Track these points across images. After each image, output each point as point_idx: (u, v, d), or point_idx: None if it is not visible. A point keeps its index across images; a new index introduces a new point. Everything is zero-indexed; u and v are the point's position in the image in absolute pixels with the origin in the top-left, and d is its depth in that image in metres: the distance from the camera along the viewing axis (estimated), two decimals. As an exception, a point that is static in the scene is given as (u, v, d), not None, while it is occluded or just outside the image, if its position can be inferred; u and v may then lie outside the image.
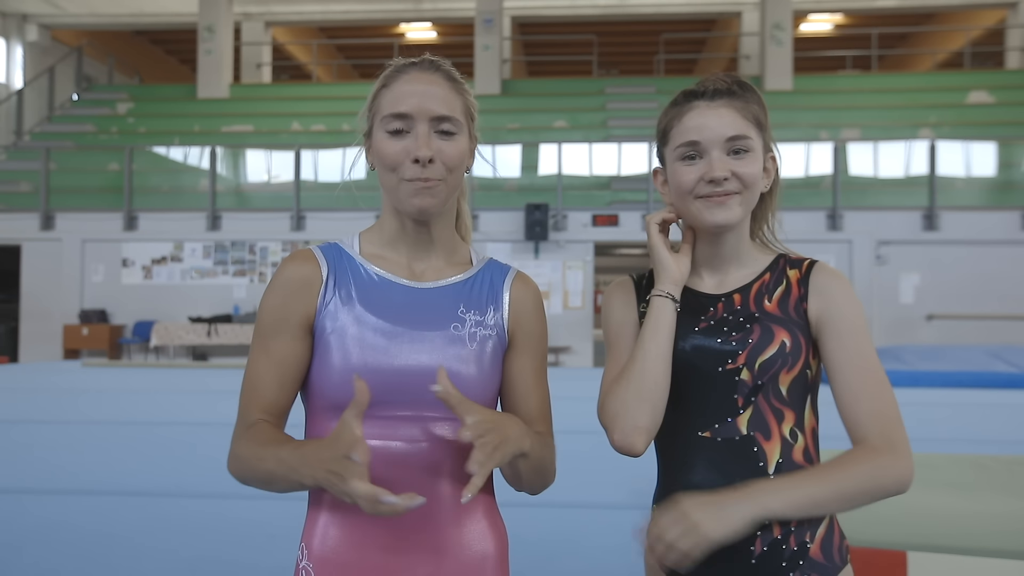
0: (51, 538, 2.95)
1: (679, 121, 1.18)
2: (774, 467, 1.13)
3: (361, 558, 1.04)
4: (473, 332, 1.10)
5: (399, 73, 1.12)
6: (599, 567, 2.60)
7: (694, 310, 1.20)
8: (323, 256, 1.12)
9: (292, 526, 3.15)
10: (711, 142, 1.15)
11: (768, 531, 1.11)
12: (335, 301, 1.08)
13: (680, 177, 1.18)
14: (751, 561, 1.11)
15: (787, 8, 15.29)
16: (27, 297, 12.14)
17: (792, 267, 1.22)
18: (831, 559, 1.14)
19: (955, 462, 2.92)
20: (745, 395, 1.14)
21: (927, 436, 5.08)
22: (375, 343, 1.06)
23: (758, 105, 1.20)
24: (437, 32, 19.25)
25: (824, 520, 1.15)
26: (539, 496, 2.94)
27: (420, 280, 1.13)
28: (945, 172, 11.86)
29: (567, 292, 11.57)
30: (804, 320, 1.18)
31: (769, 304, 1.18)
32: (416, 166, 1.07)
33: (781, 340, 1.15)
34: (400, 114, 1.08)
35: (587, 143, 12.98)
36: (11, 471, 4.05)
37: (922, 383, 8.23)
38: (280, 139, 14.38)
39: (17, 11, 16.84)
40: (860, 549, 2.18)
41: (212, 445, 4.89)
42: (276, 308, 1.08)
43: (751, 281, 1.21)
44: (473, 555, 1.08)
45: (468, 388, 1.07)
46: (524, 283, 1.18)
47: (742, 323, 1.17)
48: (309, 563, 1.06)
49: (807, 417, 1.17)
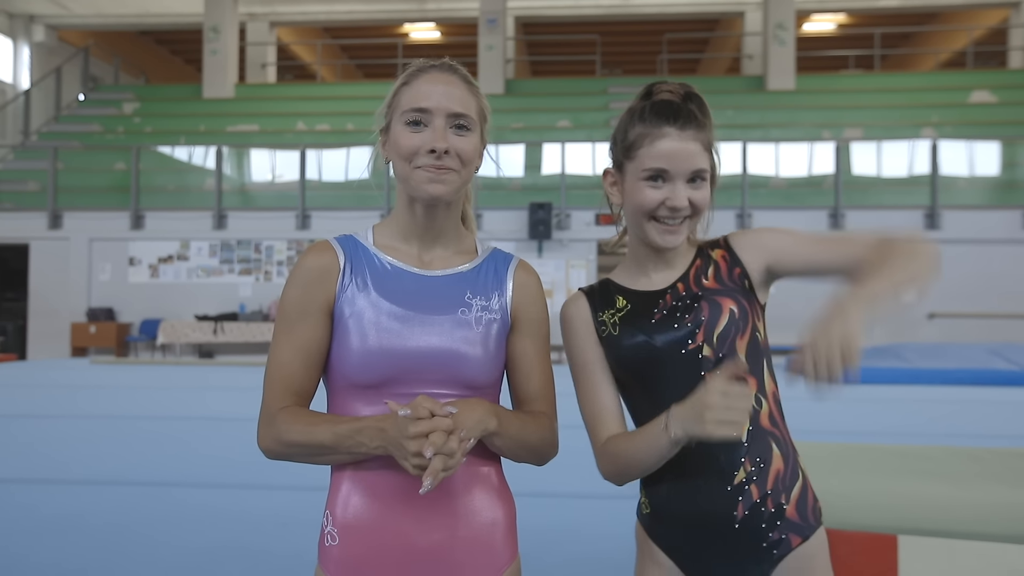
0: (68, 527, 3.04)
1: (650, 144, 1.26)
2: (746, 435, 1.22)
3: (381, 523, 1.12)
4: (479, 316, 1.19)
5: (420, 72, 1.21)
6: (598, 552, 2.72)
7: (647, 305, 1.30)
8: (340, 247, 1.21)
9: (303, 514, 3.24)
10: (678, 173, 1.25)
11: (748, 496, 1.20)
12: (352, 288, 1.17)
13: (643, 197, 1.27)
14: (734, 526, 1.20)
15: (790, 8, 15.33)
16: (35, 295, 12.25)
17: (713, 248, 1.34)
18: (806, 519, 1.23)
19: (951, 454, 2.99)
20: (710, 370, 1.23)
21: (927, 432, 5.15)
22: (390, 327, 1.14)
23: (709, 127, 1.29)
24: (441, 32, 19.33)
25: (798, 482, 1.24)
26: (545, 487, 3.08)
27: (429, 269, 1.22)
28: (947, 172, 11.90)
29: (570, 291, 11.64)
30: (742, 285, 1.28)
31: (707, 282, 1.29)
32: (431, 156, 1.15)
33: (730, 308, 1.25)
34: (420, 108, 1.17)
35: (590, 142, 13.04)
36: (29, 463, 4.14)
37: (922, 380, 8.29)
38: (285, 139, 14.47)
39: (24, 12, 16.95)
40: (852, 533, 2.25)
41: (223, 439, 5.00)
42: (299, 296, 1.17)
43: (687, 269, 1.32)
44: (484, 521, 1.16)
45: (474, 368, 1.16)
46: (526, 271, 1.27)
47: (690, 304, 1.27)
48: (334, 528, 1.15)
49: (767, 382, 1.26)
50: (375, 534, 1.12)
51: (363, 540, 1.13)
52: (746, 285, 1.28)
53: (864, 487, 2.51)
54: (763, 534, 1.21)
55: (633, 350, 1.27)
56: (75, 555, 2.76)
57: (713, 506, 1.21)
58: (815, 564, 1.22)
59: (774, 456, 1.22)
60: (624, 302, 1.31)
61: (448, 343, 1.16)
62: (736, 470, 1.21)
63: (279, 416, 1.13)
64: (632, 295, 1.31)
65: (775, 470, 1.22)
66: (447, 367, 1.15)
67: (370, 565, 1.12)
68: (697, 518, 1.22)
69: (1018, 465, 2.82)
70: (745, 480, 1.21)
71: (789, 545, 1.21)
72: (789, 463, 1.24)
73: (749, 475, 1.21)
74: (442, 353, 1.15)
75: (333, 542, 1.15)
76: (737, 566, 1.22)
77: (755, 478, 1.21)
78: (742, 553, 1.21)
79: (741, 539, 1.21)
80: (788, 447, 1.25)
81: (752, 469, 1.21)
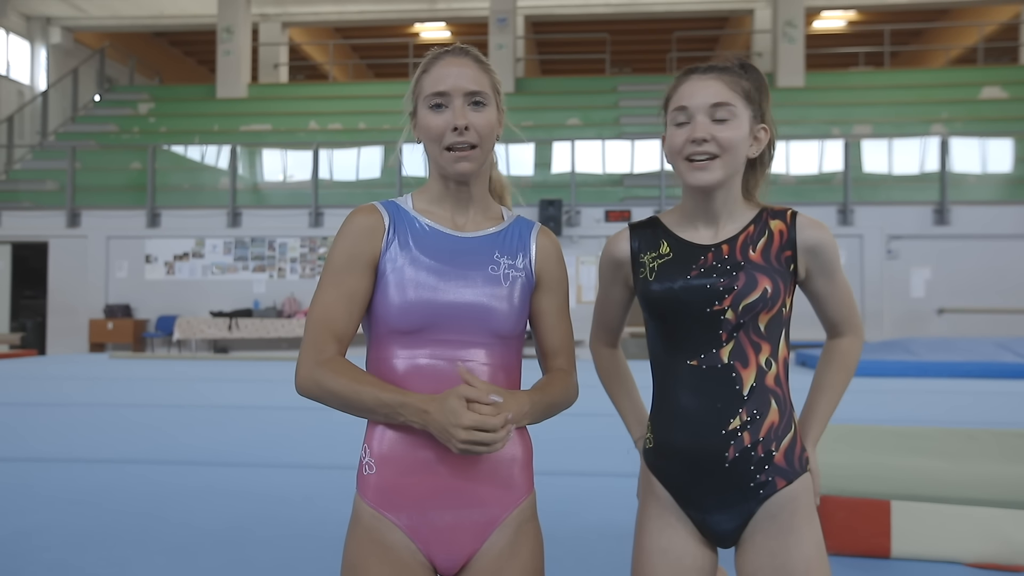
0: (104, 498, 3.19)
1: (676, 91, 1.40)
2: (748, 390, 1.35)
3: (413, 454, 1.26)
4: (506, 273, 1.33)
5: (436, 60, 1.35)
6: (605, 520, 2.92)
7: (688, 258, 1.40)
8: (385, 209, 1.35)
9: (324, 489, 3.38)
10: (697, 108, 1.36)
11: (740, 441, 1.32)
12: (395, 246, 1.31)
13: (671, 139, 1.39)
14: (724, 465, 1.34)
15: (799, 5, 15.37)
16: (54, 293, 12.46)
17: (774, 217, 1.42)
18: (792, 465, 1.37)
19: (949, 434, 3.09)
20: (728, 331, 1.35)
21: (931, 421, 5.23)
22: (427, 281, 1.29)
23: (752, 82, 1.39)
24: (451, 32, 19.46)
25: (790, 434, 1.37)
26: (560, 465, 3.29)
27: (462, 231, 1.36)
28: (957, 168, 11.92)
29: (580, 287, 11.75)
30: (786, 268, 1.38)
31: (753, 254, 1.38)
32: (455, 134, 1.30)
33: (764, 287, 1.35)
34: (440, 92, 1.31)
35: (600, 140, 13.15)
36: (66, 445, 4.30)
37: (930, 373, 8.35)
38: (297, 138, 14.63)
39: (41, 14, 17.20)
40: (849, 499, 2.36)
41: (242, 425, 5.15)
42: (348, 248, 1.31)
43: (737, 233, 1.41)
44: (504, 456, 1.30)
45: (501, 320, 1.30)
46: (547, 235, 1.42)
47: (728, 270, 1.37)
48: (371, 459, 1.29)
49: (781, 348, 1.38)
50: (407, 464, 1.26)
51: (396, 469, 1.27)
52: (790, 268, 1.37)
53: (863, 460, 2.61)
54: (751, 475, 1.34)
55: (662, 295, 1.38)
56: (112, 522, 2.90)
57: (707, 446, 1.34)
58: (798, 505, 1.35)
59: (771, 411, 1.35)
60: (668, 248, 1.41)
61: (479, 297, 1.29)
62: (733, 418, 1.34)
63: (326, 363, 1.25)
64: (677, 243, 1.40)
65: (769, 422, 1.34)
66: (477, 318, 1.29)
67: (402, 492, 1.26)
68: (692, 455, 1.35)
69: (1013, 443, 2.92)
70: (739, 428, 1.33)
71: (775, 487, 1.35)
72: (784, 418, 1.36)
73: (744, 424, 1.34)
74: (473, 306, 1.29)
75: (371, 471, 1.28)
76: (726, 500, 1.35)
77: (749, 427, 1.34)
78: (731, 490, 1.35)
79: (731, 478, 1.34)
80: (786, 405, 1.38)
81: (747, 419, 1.34)
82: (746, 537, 1.37)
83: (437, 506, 1.26)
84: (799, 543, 1.33)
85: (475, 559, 1.28)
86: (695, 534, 1.39)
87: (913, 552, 2.40)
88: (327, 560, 2.53)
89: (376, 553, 1.26)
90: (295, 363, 1.29)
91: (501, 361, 1.31)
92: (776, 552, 1.33)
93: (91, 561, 2.54)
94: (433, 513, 1.26)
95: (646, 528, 1.41)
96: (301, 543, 2.72)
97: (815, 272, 1.41)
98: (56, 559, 2.56)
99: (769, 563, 1.33)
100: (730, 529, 1.38)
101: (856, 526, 2.35)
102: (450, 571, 1.30)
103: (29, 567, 2.49)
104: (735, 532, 1.38)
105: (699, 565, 1.39)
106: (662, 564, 1.38)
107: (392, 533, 1.26)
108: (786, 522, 1.33)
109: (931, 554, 2.39)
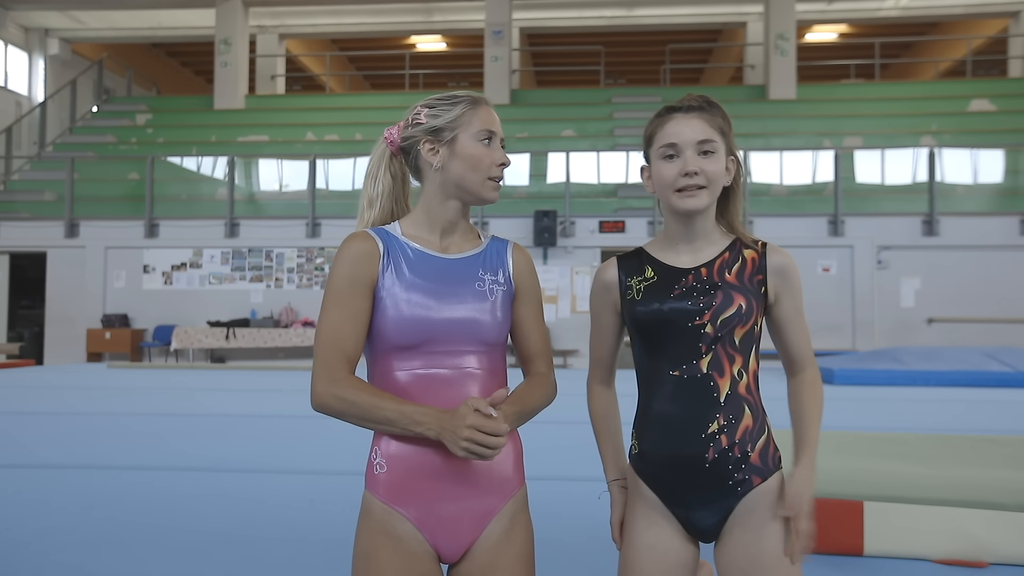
0: (113, 503, 3.30)
1: (662, 129, 1.55)
2: (724, 397, 1.49)
3: (418, 453, 1.41)
4: (491, 288, 1.49)
5: (479, 102, 1.52)
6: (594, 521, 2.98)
7: (670, 280, 1.55)
8: (377, 236, 1.49)
9: (324, 493, 3.50)
10: (685, 144, 1.51)
11: (718, 443, 1.46)
12: (390, 269, 1.46)
13: (662, 173, 1.54)
14: (705, 465, 1.48)
15: (791, 18, 15.60)
16: (52, 302, 12.55)
17: (747, 247, 1.59)
18: (766, 464, 1.51)
19: (924, 440, 3.23)
20: (707, 344, 1.50)
21: (913, 428, 5.36)
22: (423, 300, 1.44)
23: (722, 118, 1.57)
24: (447, 44, 19.66)
25: (763, 436, 1.51)
26: (555, 471, 3.45)
27: (447, 253, 1.51)
28: (947, 179, 12.11)
29: (575, 296, 11.89)
30: (758, 289, 1.54)
31: (729, 276, 1.54)
32: (500, 168, 1.49)
33: (739, 304, 1.50)
34: (491, 131, 1.49)
35: (594, 152, 13.31)
36: (76, 451, 4.40)
37: (918, 382, 8.49)
38: (294, 149, 14.77)
39: (40, 26, 17.34)
40: (822, 500, 2.49)
41: (243, 433, 5.25)
42: (349, 272, 1.44)
43: (714, 258, 1.56)
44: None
45: (489, 331, 1.46)
46: (520, 250, 1.60)
47: (707, 290, 1.52)
48: (382, 459, 1.42)
49: (751, 361, 1.53)
50: (413, 460, 1.41)
51: (405, 466, 1.41)
52: (762, 290, 1.52)
53: (838, 464, 2.74)
54: (730, 474, 1.48)
55: (648, 315, 1.53)
56: (124, 525, 3.01)
57: (688, 449, 1.48)
58: (773, 499, 1.49)
59: (745, 416, 1.49)
60: (652, 272, 1.55)
61: (470, 312, 1.45)
62: (711, 423, 1.48)
63: (346, 380, 1.39)
64: (660, 267, 1.55)
65: (744, 426, 1.48)
66: (469, 330, 1.45)
67: (410, 487, 1.41)
68: (675, 458, 1.49)
69: (987, 448, 3.05)
70: (717, 431, 1.48)
71: (751, 484, 1.49)
72: (757, 422, 1.51)
73: (721, 427, 1.48)
74: (466, 320, 1.44)
75: (382, 469, 1.42)
76: (707, 497, 1.49)
77: (726, 430, 1.48)
78: (711, 488, 1.49)
79: (711, 477, 1.48)
80: (758, 410, 1.52)
81: (724, 423, 1.48)
82: (725, 531, 1.50)
83: (442, 499, 1.40)
84: (771, 535, 1.47)
85: (475, 546, 1.43)
86: (680, 531, 1.52)
87: (884, 550, 2.53)
88: (330, 557, 2.68)
89: (387, 544, 1.39)
90: (293, 372, 1.43)
91: (490, 365, 1.46)
92: (750, 543, 1.46)
93: (107, 562, 2.66)
94: (439, 505, 1.40)
95: (634, 526, 1.54)
96: (306, 543, 2.85)
97: (783, 295, 1.55)
98: (73, 560, 2.67)
99: (743, 554, 1.47)
100: (712, 524, 1.51)
101: (831, 526, 2.48)
102: (453, 559, 1.43)
103: (48, 567, 2.60)
104: (716, 527, 1.51)
105: (683, 560, 1.52)
106: (649, 560, 1.51)
107: (402, 525, 1.40)
108: (762, 516, 1.47)
109: (901, 551, 2.52)
